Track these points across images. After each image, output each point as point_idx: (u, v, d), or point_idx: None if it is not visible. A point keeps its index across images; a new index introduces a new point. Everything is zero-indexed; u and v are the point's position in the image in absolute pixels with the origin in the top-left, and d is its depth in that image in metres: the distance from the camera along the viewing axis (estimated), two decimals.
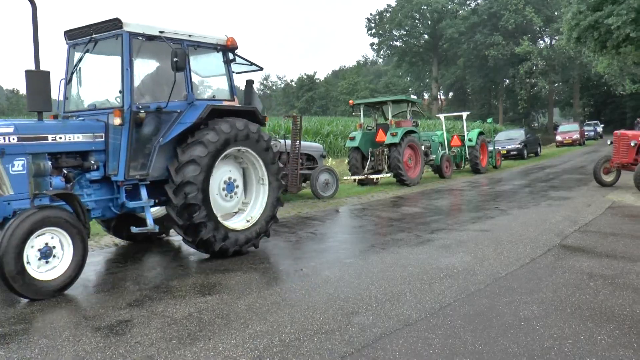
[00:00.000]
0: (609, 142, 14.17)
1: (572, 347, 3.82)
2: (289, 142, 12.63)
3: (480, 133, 20.86)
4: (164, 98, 6.51)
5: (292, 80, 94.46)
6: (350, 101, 17.66)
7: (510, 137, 29.41)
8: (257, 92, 7.74)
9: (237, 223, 7.16)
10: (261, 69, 8.12)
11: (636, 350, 3.75)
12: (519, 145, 27.88)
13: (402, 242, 7.69)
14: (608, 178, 13.77)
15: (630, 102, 57.00)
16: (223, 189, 7.01)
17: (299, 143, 12.46)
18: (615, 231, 8.04)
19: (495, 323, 4.35)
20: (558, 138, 38.04)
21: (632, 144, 12.89)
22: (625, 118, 58.04)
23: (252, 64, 7.94)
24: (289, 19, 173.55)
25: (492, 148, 22.28)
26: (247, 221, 7.18)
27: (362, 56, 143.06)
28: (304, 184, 13.10)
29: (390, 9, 70.65)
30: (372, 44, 77.15)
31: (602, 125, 51.30)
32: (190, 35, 6.89)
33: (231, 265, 6.54)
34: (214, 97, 7.52)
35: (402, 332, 4.20)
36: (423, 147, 17.17)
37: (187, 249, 7.52)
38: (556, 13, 56.16)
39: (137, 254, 7.45)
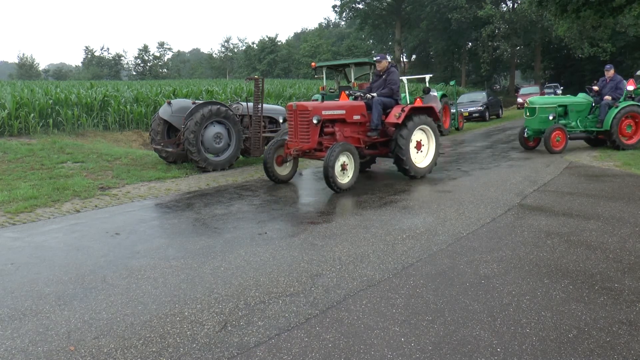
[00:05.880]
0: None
1: (529, 303, 3.95)
2: (251, 105, 12.49)
3: (443, 95, 21.04)
4: None
5: (253, 43, 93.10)
6: (313, 64, 17.48)
7: (473, 100, 29.76)
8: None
9: None
10: None
11: (587, 303, 3.91)
12: (481, 108, 28.31)
13: (365, 203, 7.75)
14: (283, 171, 10.00)
15: (588, 65, 58.22)
16: None
17: (262, 106, 12.31)
18: (572, 190, 8.28)
19: (456, 282, 4.45)
20: (519, 100, 38.74)
21: (315, 121, 8.97)
22: (584, 81, 59.24)
23: None
24: None
25: (454, 110, 22.52)
26: None
27: (325, 18, 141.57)
28: (266, 147, 13.03)
29: None
30: (334, 6, 76.19)
31: (562, 88, 52.36)
32: None
33: (194, 229, 6.50)
34: None
35: (365, 292, 4.27)
36: None
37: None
38: None
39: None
